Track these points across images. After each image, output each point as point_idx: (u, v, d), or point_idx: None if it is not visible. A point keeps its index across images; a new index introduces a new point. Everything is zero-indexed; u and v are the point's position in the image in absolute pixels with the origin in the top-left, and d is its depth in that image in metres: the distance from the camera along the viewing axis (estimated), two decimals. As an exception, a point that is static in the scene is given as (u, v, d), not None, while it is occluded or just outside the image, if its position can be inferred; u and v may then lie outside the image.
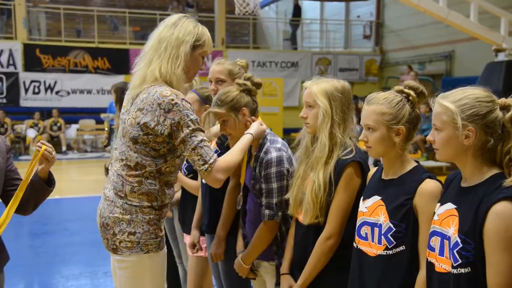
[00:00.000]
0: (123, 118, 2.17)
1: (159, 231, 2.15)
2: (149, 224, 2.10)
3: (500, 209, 1.46)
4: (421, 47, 15.07)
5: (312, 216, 2.07)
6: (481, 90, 1.61)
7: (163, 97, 2.02)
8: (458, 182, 1.68)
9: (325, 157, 2.07)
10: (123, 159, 2.12)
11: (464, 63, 13.50)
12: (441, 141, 1.62)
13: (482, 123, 1.56)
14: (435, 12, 7.33)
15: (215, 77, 2.75)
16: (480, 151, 1.59)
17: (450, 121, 1.58)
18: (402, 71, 14.15)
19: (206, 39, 2.19)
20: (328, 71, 16.46)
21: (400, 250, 1.80)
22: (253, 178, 2.36)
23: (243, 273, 2.45)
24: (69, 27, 16.33)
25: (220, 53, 15.45)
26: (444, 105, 1.60)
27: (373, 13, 17.38)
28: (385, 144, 1.87)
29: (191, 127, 2.02)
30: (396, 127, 1.84)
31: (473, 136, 1.56)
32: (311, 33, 18.65)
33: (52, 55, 14.51)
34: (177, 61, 2.11)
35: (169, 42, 2.11)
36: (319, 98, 2.10)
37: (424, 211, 1.75)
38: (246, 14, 8.76)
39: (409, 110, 1.86)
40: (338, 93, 2.11)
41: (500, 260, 1.46)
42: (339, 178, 2.04)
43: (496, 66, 7.41)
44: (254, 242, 2.35)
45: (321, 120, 2.09)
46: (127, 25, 16.00)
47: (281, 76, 15.96)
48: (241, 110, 2.33)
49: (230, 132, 2.36)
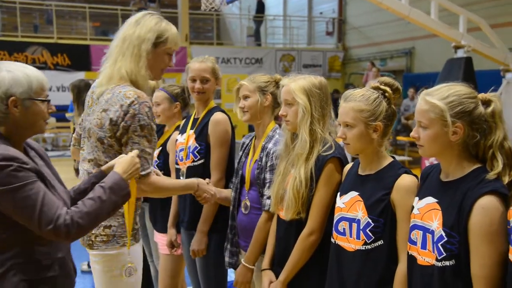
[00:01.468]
0: (89, 119, 2.15)
1: (134, 224, 2.15)
2: (123, 216, 2.09)
3: (485, 203, 1.50)
4: (383, 43, 15.35)
5: (294, 212, 2.07)
6: (464, 86, 1.65)
7: (126, 99, 2.02)
8: (436, 176, 1.72)
9: (306, 153, 2.08)
10: (92, 159, 2.11)
11: (424, 59, 13.83)
12: (428, 138, 1.64)
13: (469, 120, 1.59)
14: (397, 10, 7.47)
15: (200, 76, 2.72)
16: (464, 147, 1.62)
17: (438, 118, 1.60)
18: (365, 67, 14.37)
19: (169, 36, 2.16)
20: (292, 68, 16.57)
21: (379, 245, 1.82)
22: (258, 167, 2.37)
23: (246, 277, 2.37)
24: (25, 22, 15.79)
25: (184, 49, 15.29)
26: (432, 102, 1.62)
27: (336, 10, 17.58)
28: (363, 140, 1.89)
29: (137, 132, 2.02)
30: (374, 124, 1.87)
31: (461, 132, 1.60)
32: (275, 29, 18.71)
33: (8, 51, 13.96)
34: (140, 59, 2.11)
35: (131, 41, 2.11)
36: (298, 95, 2.11)
37: (402, 205, 1.78)
38: (212, 10, 8.69)
39: (385, 107, 1.88)
40: (316, 89, 2.13)
41: (485, 252, 1.49)
42: (319, 174, 2.06)
43: (456, 63, 7.61)
44: (255, 235, 2.34)
45: (301, 117, 2.10)
46: (87, 20, 15.60)
47: (245, 73, 15.90)
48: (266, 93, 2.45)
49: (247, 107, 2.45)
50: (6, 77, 1.67)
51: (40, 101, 1.73)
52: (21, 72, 1.69)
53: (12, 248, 1.66)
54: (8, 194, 1.57)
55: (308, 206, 2.07)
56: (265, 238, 2.32)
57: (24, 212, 1.59)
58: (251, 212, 2.42)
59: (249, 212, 2.43)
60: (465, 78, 7.34)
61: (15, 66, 1.72)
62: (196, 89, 2.73)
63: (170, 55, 2.21)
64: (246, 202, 2.44)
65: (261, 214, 2.34)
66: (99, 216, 1.71)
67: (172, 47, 2.19)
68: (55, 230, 1.60)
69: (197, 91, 2.73)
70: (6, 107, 1.67)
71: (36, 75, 1.73)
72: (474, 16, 8.02)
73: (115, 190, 1.76)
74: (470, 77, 7.31)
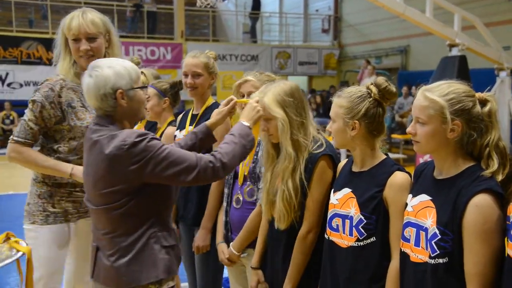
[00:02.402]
0: None
1: (50, 207, 2.35)
2: (39, 197, 2.37)
3: (479, 201, 1.51)
4: (378, 41, 15.38)
5: (287, 223, 2.06)
6: (463, 84, 1.66)
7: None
8: (430, 174, 1.73)
9: (291, 166, 2.05)
10: None
11: (419, 57, 13.87)
12: (425, 134, 1.64)
13: (467, 118, 1.60)
14: (392, 7, 7.48)
15: (191, 71, 2.73)
16: (460, 144, 1.63)
17: (438, 115, 1.60)
18: (360, 65, 14.39)
19: (66, 23, 2.35)
20: (288, 65, 16.58)
21: (371, 241, 1.84)
22: (254, 161, 2.37)
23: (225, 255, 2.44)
24: (20, 17, 15.69)
25: (180, 46, 15.26)
26: (432, 99, 1.61)
27: (331, 7, 17.59)
28: (342, 136, 1.91)
29: (28, 107, 2.30)
30: (350, 121, 1.88)
31: (459, 130, 1.60)
32: (271, 26, 18.70)
33: (3, 46, 13.90)
34: (60, 52, 2.42)
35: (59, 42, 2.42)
36: (273, 110, 2.06)
37: (394, 202, 1.79)
38: (208, 6, 8.68)
39: (367, 106, 1.88)
40: (288, 97, 2.07)
41: (478, 250, 1.50)
42: (312, 172, 2.06)
43: (450, 61, 7.64)
44: (246, 224, 2.35)
45: (281, 130, 2.05)
46: (82, 15, 15.51)
47: (241, 70, 15.87)
48: None
49: None
50: (110, 73, 1.83)
51: (139, 88, 1.91)
52: (119, 66, 1.86)
53: (149, 219, 1.87)
54: (151, 160, 1.77)
55: (302, 208, 2.06)
56: (256, 229, 2.32)
57: (169, 169, 1.80)
58: (243, 206, 2.42)
59: (241, 206, 2.43)
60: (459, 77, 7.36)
61: (111, 61, 1.89)
62: (188, 84, 2.74)
63: (76, 41, 2.34)
64: (239, 196, 2.43)
65: (255, 208, 2.35)
66: (236, 155, 1.92)
67: (70, 34, 2.34)
68: (203, 170, 1.83)
69: (189, 86, 2.73)
70: (115, 100, 1.84)
71: (131, 66, 1.91)
72: (469, 14, 8.05)
73: (243, 135, 1.98)
74: (465, 76, 7.35)
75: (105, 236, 1.89)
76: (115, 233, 1.86)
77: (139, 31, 15.87)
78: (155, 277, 1.86)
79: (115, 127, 1.86)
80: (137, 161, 1.77)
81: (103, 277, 1.91)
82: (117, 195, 1.81)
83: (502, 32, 10.16)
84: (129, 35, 15.76)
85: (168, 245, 1.91)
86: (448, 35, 7.73)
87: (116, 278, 1.86)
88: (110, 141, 1.78)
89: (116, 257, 1.86)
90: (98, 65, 1.86)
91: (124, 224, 1.85)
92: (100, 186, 1.83)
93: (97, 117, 1.91)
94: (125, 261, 1.84)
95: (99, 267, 1.92)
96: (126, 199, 1.81)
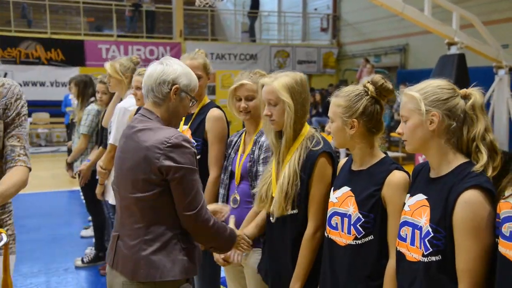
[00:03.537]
0: None
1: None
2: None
3: (468, 197, 1.52)
4: (377, 40, 15.39)
5: (280, 207, 2.09)
6: (443, 80, 1.70)
7: None
8: (426, 173, 1.74)
9: (291, 148, 2.10)
10: None
11: (417, 56, 13.89)
12: (408, 130, 1.68)
13: (445, 108, 1.63)
14: (391, 6, 7.49)
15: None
16: (445, 138, 1.65)
17: (415, 108, 1.65)
18: (359, 64, 14.41)
19: None
20: (287, 64, 16.57)
21: (369, 240, 1.85)
22: (250, 160, 2.38)
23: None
24: (19, 17, 15.68)
25: (178, 45, 15.26)
26: (409, 94, 1.68)
27: (330, 6, 17.60)
28: (341, 135, 1.93)
29: None
30: (349, 120, 1.89)
31: (437, 121, 1.63)
32: (269, 25, 18.69)
33: (2, 46, 13.90)
34: None
35: None
36: (282, 94, 2.10)
37: (392, 201, 1.80)
38: (207, 6, 8.68)
39: (365, 104, 1.90)
40: (298, 86, 2.13)
41: (469, 247, 1.51)
42: (311, 170, 2.07)
43: (449, 59, 7.64)
44: (244, 222, 2.36)
45: (287, 115, 2.10)
46: (81, 15, 15.53)
47: (240, 69, 15.87)
48: None
49: None
50: (178, 69, 1.99)
51: (190, 97, 2.03)
52: (188, 70, 2.03)
53: (169, 219, 1.91)
54: (184, 171, 1.86)
55: (297, 202, 2.08)
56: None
57: (184, 191, 1.87)
58: (241, 206, 2.43)
59: (238, 205, 2.44)
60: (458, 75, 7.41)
61: (183, 63, 2.04)
62: None
63: None
64: (236, 196, 2.44)
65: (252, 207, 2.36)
66: (213, 237, 2.02)
67: None
68: (195, 216, 1.89)
69: None
70: (168, 91, 1.97)
71: (195, 78, 2.06)
72: (467, 13, 8.06)
73: (228, 241, 2.09)
74: (463, 74, 7.35)
75: (130, 226, 1.92)
76: (141, 224, 1.89)
77: (138, 30, 15.88)
78: (172, 277, 1.88)
79: (159, 121, 1.96)
80: (173, 161, 1.84)
81: (121, 265, 1.94)
82: (150, 185, 1.87)
83: (501, 30, 10.18)
84: (128, 35, 15.77)
85: (189, 246, 1.94)
86: (447, 33, 7.74)
87: (133, 269, 1.89)
88: (156, 133, 1.89)
89: (137, 249, 1.89)
90: (172, 60, 2.02)
91: (151, 217, 1.89)
92: (135, 173, 1.89)
93: (144, 109, 2.01)
94: (145, 254, 1.87)
95: (118, 256, 1.95)
96: (158, 190, 1.86)
